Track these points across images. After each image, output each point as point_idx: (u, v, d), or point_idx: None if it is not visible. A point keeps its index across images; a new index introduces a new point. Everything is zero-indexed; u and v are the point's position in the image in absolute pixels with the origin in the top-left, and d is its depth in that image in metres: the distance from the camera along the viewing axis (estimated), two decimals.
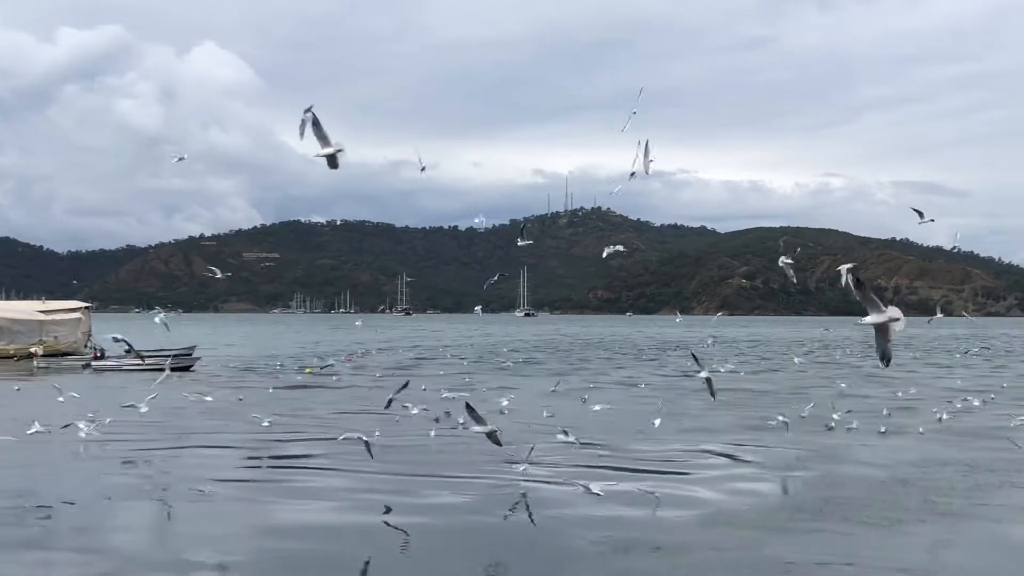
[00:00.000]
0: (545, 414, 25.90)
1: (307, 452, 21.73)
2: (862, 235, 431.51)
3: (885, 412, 27.12)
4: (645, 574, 12.64)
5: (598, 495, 15.80)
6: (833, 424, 25.19)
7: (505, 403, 27.61)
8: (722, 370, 41.53)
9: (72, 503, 16.32)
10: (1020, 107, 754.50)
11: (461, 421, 22.35)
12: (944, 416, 26.37)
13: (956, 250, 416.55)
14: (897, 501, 16.74)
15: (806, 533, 14.53)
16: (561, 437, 18.60)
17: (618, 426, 25.66)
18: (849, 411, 26.55)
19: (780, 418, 23.68)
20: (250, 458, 21.24)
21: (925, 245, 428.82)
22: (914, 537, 14.49)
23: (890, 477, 18.85)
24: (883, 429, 24.72)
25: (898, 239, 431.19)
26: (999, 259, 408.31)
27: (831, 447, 22.65)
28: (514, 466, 18.18)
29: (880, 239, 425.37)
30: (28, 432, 19.83)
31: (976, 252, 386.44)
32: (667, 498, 16.85)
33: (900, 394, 34.41)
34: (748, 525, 14.88)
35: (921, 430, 24.73)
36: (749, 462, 20.63)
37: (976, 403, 30.53)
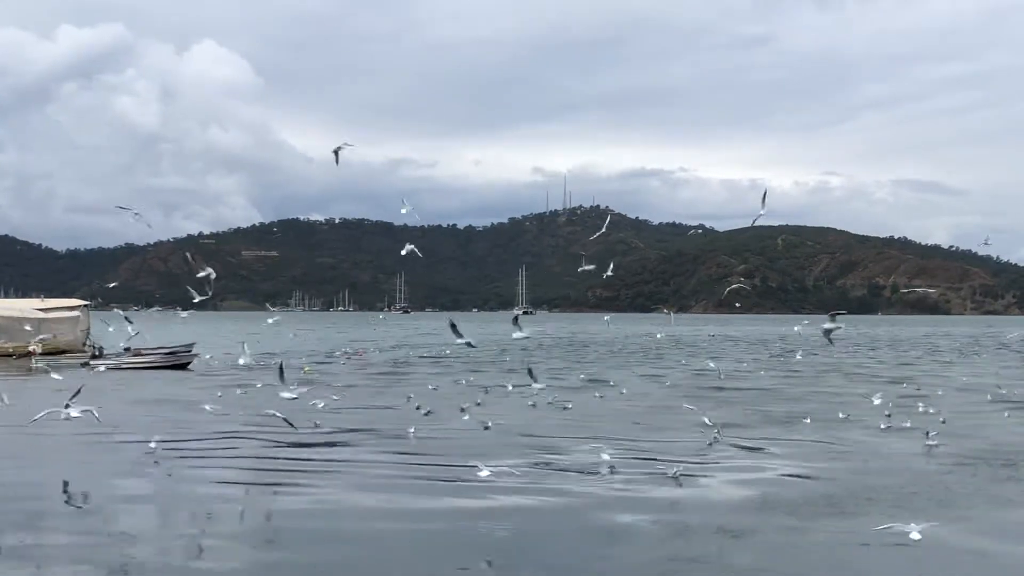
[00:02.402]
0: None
1: (307, 448, 21.81)
2: (861, 233, 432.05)
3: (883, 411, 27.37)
4: (710, 555, 13.02)
5: (676, 477, 17.18)
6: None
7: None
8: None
9: (73, 497, 16.41)
10: (1018, 105, 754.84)
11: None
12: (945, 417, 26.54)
13: (954, 248, 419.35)
14: (947, 489, 17.23)
15: (857, 516, 14.98)
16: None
17: (650, 418, 26.89)
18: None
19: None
20: (250, 453, 21.31)
21: (923, 243, 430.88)
22: (969, 523, 14.79)
23: (935, 468, 19.40)
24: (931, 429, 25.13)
25: (896, 237, 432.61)
26: (997, 257, 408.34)
27: (866, 441, 23.12)
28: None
29: (879, 237, 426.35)
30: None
31: (974, 250, 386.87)
32: (717, 485, 17.49)
33: (940, 392, 34.96)
34: (800, 511, 15.40)
35: (944, 420, 25.46)
36: (789, 453, 21.11)
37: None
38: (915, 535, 12.44)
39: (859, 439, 23.39)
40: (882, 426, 24.78)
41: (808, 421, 26.05)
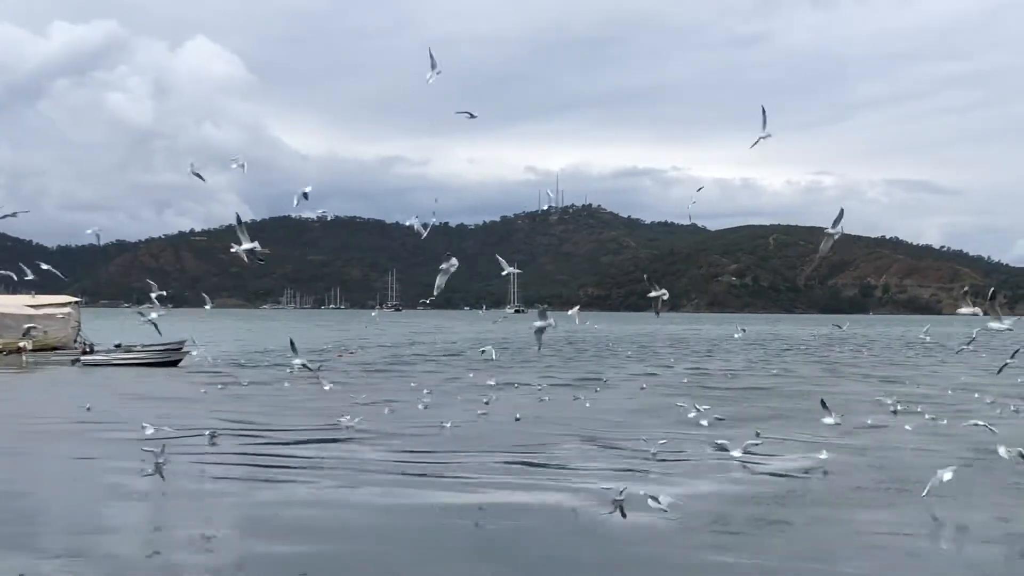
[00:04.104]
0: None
1: (297, 445, 21.73)
2: (853, 233, 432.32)
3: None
4: (747, 544, 13.28)
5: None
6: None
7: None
8: None
9: (64, 494, 16.32)
10: (1013, 105, 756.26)
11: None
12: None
13: (946, 248, 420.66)
14: (973, 481, 17.58)
15: (884, 507, 15.41)
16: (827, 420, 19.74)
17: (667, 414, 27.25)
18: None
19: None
20: (241, 451, 21.20)
21: (915, 244, 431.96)
22: (999, 510, 15.21)
23: (953, 462, 19.51)
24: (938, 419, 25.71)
25: (888, 238, 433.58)
26: (988, 257, 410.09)
27: (884, 437, 23.44)
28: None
29: (871, 237, 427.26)
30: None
31: (966, 250, 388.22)
32: (746, 477, 17.96)
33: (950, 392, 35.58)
34: (829, 501, 15.83)
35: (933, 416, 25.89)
36: (809, 448, 21.25)
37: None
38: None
39: (871, 435, 23.69)
40: (895, 424, 25.08)
41: (829, 420, 26.21)
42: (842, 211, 13.06)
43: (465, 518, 14.79)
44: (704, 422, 22.27)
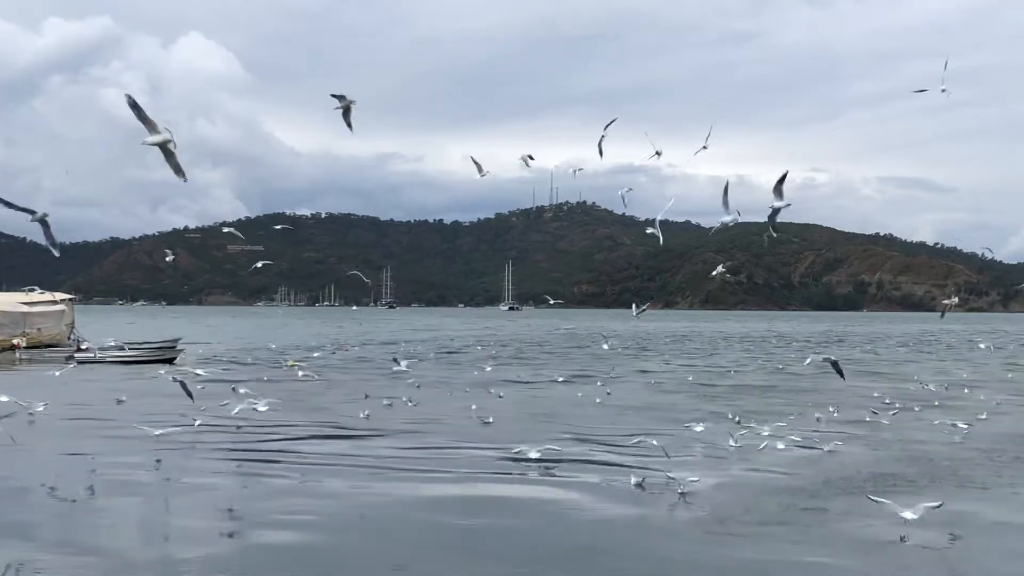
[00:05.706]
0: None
1: (290, 443, 21.71)
2: (847, 230, 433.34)
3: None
4: (784, 534, 13.50)
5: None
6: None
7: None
8: None
9: (58, 492, 16.30)
10: (1006, 103, 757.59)
11: None
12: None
13: (939, 245, 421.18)
14: (996, 469, 18.17)
15: (915, 496, 15.31)
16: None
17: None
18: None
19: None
20: (236, 449, 21.17)
21: (909, 240, 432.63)
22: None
23: (969, 454, 20.05)
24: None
25: (882, 234, 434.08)
26: (982, 255, 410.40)
27: (899, 431, 23.48)
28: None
29: (864, 234, 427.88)
30: None
31: (959, 248, 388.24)
32: (774, 468, 18.17)
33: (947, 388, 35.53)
34: (863, 489, 15.96)
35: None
36: (826, 441, 21.18)
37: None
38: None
39: (886, 429, 23.75)
40: (903, 418, 25.24)
41: (835, 415, 26.21)
42: None
43: (475, 510, 14.85)
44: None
